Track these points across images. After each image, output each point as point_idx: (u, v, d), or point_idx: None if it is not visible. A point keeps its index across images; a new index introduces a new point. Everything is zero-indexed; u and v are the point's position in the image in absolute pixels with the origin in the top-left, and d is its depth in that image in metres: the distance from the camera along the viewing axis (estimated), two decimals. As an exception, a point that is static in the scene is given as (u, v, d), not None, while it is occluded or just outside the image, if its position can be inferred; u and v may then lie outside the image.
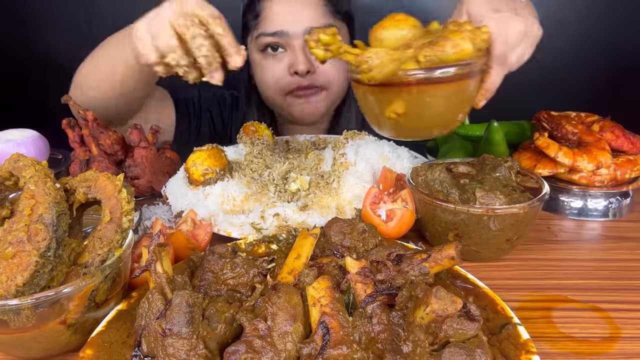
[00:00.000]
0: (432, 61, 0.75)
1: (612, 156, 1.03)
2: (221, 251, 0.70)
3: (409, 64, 0.76)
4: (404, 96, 0.79)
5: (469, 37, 0.75)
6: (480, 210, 0.80)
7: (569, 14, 2.13)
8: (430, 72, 0.75)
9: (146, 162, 1.08)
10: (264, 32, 1.30)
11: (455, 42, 0.74)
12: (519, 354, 0.58)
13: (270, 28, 1.29)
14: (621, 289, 0.80)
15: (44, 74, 2.21)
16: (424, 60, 0.75)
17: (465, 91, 0.81)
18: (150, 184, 1.11)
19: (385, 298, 0.63)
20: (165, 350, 0.54)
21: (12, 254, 0.59)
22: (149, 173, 1.09)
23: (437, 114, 0.82)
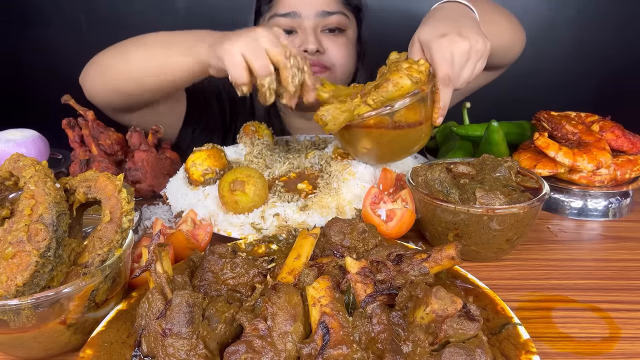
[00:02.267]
0: (381, 101, 0.90)
1: (612, 156, 1.03)
2: (221, 251, 0.70)
3: (361, 109, 0.91)
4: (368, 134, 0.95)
5: (406, 74, 0.89)
6: (480, 210, 0.80)
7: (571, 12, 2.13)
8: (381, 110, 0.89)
9: (147, 166, 1.08)
10: (277, 13, 1.33)
11: (395, 81, 0.89)
12: (519, 354, 0.58)
13: (282, 9, 1.32)
14: (621, 289, 0.80)
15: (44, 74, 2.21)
16: (373, 103, 0.90)
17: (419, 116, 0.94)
18: (151, 188, 1.11)
19: (385, 298, 0.63)
20: (165, 350, 0.54)
21: (12, 254, 0.59)
22: (150, 177, 1.10)
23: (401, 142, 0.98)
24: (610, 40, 2.15)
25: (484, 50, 0.93)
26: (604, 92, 2.16)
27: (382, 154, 1.02)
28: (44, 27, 2.18)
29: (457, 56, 0.90)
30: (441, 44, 0.90)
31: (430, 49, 0.91)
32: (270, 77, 0.88)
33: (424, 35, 0.94)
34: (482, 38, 0.93)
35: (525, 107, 1.41)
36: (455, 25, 0.93)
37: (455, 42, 0.90)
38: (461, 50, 0.90)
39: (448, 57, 0.89)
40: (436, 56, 0.90)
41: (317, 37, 1.32)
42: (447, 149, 1.25)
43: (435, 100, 0.93)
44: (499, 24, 1.14)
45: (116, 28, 2.13)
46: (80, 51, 1.60)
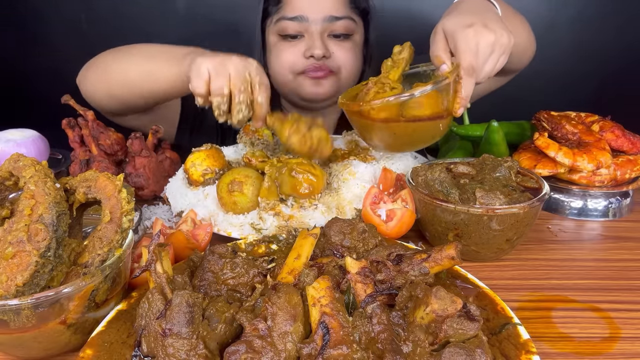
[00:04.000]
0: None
1: (612, 156, 1.03)
2: (221, 251, 0.70)
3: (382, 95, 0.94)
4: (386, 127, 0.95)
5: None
6: (480, 210, 0.80)
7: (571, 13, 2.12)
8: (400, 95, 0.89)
9: (149, 172, 1.08)
10: (284, 16, 1.33)
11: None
12: (519, 354, 0.58)
13: (290, 12, 1.32)
14: (621, 289, 0.80)
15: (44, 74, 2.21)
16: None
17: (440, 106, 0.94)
18: (153, 193, 1.11)
19: (385, 298, 0.63)
20: (165, 350, 0.54)
21: (12, 254, 0.59)
22: (152, 183, 1.10)
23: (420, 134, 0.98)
24: (610, 40, 2.14)
25: (508, 45, 0.92)
26: (604, 93, 2.16)
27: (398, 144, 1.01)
28: (44, 27, 2.18)
29: (482, 47, 0.89)
30: (467, 34, 0.89)
31: (455, 39, 0.90)
32: (220, 99, 0.92)
33: (449, 24, 0.92)
34: (507, 32, 0.92)
35: (525, 107, 1.41)
36: (480, 17, 0.92)
37: (481, 33, 0.88)
38: (487, 42, 0.89)
39: (473, 47, 0.88)
40: (461, 46, 0.89)
41: (323, 42, 1.32)
42: (447, 149, 1.25)
43: (457, 90, 0.92)
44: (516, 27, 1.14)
45: (116, 28, 2.13)
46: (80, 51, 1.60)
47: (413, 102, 0.90)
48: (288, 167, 0.94)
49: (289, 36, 1.34)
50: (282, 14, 1.34)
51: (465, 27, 0.89)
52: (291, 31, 1.32)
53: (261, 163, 1.01)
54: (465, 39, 0.89)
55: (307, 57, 1.32)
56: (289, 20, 1.32)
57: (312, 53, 1.30)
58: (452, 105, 0.93)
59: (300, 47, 1.33)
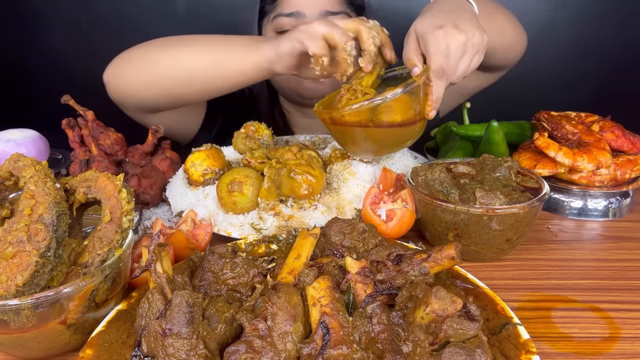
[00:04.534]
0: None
1: (612, 156, 1.03)
2: (221, 251, 0.70)
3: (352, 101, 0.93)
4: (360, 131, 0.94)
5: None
6: (480, 210, 0.80)
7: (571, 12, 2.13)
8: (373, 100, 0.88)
9: (156, 189, 1.09)
10: (281, 13, 1.33)
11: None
12: (519, 354, 0.58)
13: (287, 9, 1.33)
14: (621, 289, 0.80)
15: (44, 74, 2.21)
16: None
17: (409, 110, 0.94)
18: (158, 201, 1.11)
19: (385, 298, 0.63)
20: (165, 350, 0.54)
21: (12, 254, 0.59)
22: (158, 198, 1.10)
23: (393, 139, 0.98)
24: (610, 40, 2.15)
25: (481, 44, 0.92)
26: (604, 92, 2.16)
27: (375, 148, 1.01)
28: (44, 27, 2.18)
29: (452, 49, 0.89)
30: (437, 36, 0.88)
31: (425, 41, 0.90)
32: (351, 43, 0.91)
33: (420, 26, 0.93)
34: (480, 31, 0.91)
35: (525, 107, 1.41)
36: (452, 17, 0.92)
37: (452, 34, 0.88)
38: (457, 43, 0.89)
39: (443, 49, 0.88)
40: (431, 48, 0.89)
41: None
42: (447, 149, 1.25)
43: (427, 92, 0.92)
44: (500, 22, 1.14)
45: (116, 28, 2.13)
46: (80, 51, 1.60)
47: (384, 107, 0.90)
48: (287, 168, 0.94)
49: (285, 32, 1.34)
50: (278, 11, 1.34)
51: (435, 28, 0.89)
52: (288, 27, 1.32)
53: (260, 164, 1.01)
54: (435, 41, 0.89)
55: None
56: (285, 17, 1.32)
57: None
58: (424, 106, 0.93)
59: None
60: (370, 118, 0.92)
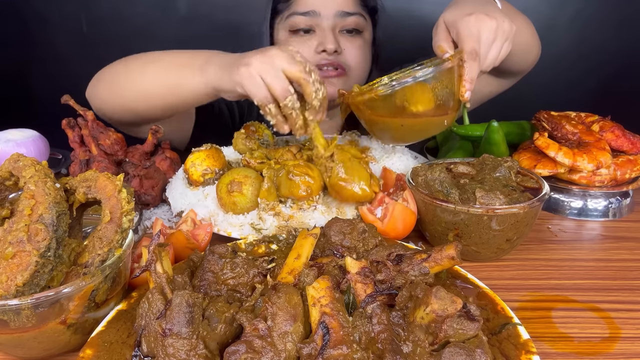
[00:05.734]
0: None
1: (612, 156, 1.03)
2: (221, 251, 0.70)
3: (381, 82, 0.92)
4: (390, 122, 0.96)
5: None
6: (480, 210, 0.80)
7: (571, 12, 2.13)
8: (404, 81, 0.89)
9: (158, 190, 1.09)
10: (296, 12, 1.34)
11: None
12: (519, 354, 0.58)
13: (302, 8, 1.33)
14: (621, 289, 0.80)
15: (44, 74, 2.21)
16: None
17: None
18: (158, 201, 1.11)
19: (385, 298, 0.63)
20: (165, 350, 0.54)
21: (12, 254, 0.59)
22: (159, 198, 1.10)
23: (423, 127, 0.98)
24: (610, 40, 2.15)
25: (510, 31, 0.93)
26: (604, 92, 2.16)
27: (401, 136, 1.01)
28: (44, 27, 2.18)
29: (484, 33, 0.90)
30: (468, 21, 0.90)
31: (456, 27, 0.91)
32: (291, 97, 0.88)
33: (450, 16, 0.94)
34: (509, 20, 0.93)
35: (525, 107, 1.41)
36: (481, 7, 0.93)
37: (482, 20, 0.90)
38: (488, 28, 0.90)
39: (475, 32, 0.90)
40: (463, 32, 0.90)
41: (335, 37, 1.32)
42: (447, 149, 1.25)
43: (461, 74, 0.92)
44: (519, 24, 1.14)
45: (116, 28, 2.13)
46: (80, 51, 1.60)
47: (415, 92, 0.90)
48: (285, 169, 0.94)
49: (300, 31, 1.34)
50: (293, 10, 1.34)
51: (465, 15, 0.91)
52: (303, 26, 1.33)
53: (260, 164, 1.01)
54: (466, 26, 0.90)
55: (319, 52, 1.32)
56: (300, 15, 1.32)
57: (324, 47, 1.30)
58: (458, 90, 0.93)
59: (312, 42, 1.33)
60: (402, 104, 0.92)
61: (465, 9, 0.93)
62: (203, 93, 1.03)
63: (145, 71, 1.11)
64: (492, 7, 0.97)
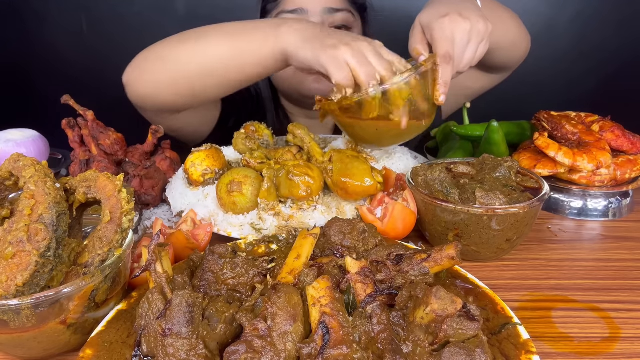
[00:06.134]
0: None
1: (612, 156, 1.03)
2: (221, 251, 0.70)
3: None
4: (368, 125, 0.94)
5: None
6: (480, 210, 0.80)
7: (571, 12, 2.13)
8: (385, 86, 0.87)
9: (158, 190, 1.09)
10: (284, 10, 1.34)
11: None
12: (519, 354, 0.58)
13: (290, 6, 1.33)
14: (621, 289, 0.80)
15: (44, 74, 2.21)
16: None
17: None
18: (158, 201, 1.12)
19: (385, 298, 0.63)
20: (165, 350, 0.54)
21: (12, 254, 0.59)
22: (159, 198, 1.10)
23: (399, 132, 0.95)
24: (610, 40, 2.15)
25: (485, 32, 0.93)
26: (604, 92, 2.16)
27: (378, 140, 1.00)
28: (44, 27, 2.18)
29: (458, 35, 0.90)
30: (442, 23, 0.90)
31: (430, 29, 0.91)
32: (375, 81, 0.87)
33: (425, 16, 0.94)
34: (484, 20, 0.92)
35: (525, 107, 1.41)
36: (456, 7, 0.93)
37: (456, 21, 0.90)
38: (462, 30, 0.90)
39: (449, 35, 0.90)
40: (436, 34, 0.90)
41: None
42: (447, 149, 1.25)
43: (435, 78, 0.92)
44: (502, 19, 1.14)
45: (116, 29, 2.13)
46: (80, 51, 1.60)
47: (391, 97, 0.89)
48: (285, 169, 0.94)
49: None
50: (281, 9, 1.35)
51: (440, 17, 0.91)
52: None
53: (260, 165, 1.01)
54: (440, 28, 0.90)
55: None
56: (288, 14, 1.33)
57: None
58: (433, 93, 0.93)
59: None
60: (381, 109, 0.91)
61: (440, 10, 0.93)
62: (272, 60, 0.99)
63: (205, 41, 1.05)
64: (469, 6, 0.96)
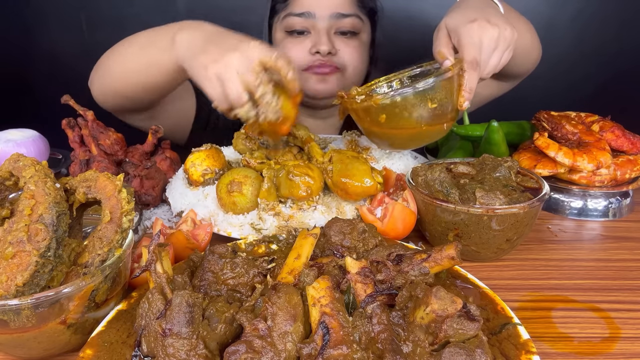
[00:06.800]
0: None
1: (612, 156, 1.03)
2: (221, 251, 0.70)
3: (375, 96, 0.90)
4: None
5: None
6: (480, 210, 0.80)
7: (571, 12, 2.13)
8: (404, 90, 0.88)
9: (158, 191, 1.09)
10: (291, 12, 1.34)
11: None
12: (519, 354, 0.58)
13: (298, 9, 1.33)
14: (621, 289, 0.80)
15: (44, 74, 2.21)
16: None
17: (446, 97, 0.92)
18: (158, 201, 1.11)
19: (385, 298, 0.63)
20: (165, 350, 0.54)
21: (12, 254, 0.59)
22: (159, 199, 1.11)
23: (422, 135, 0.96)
24: (610, 40, 2.15)
25: (512, 39, 0.92)
26: (604, 92, 2.16)
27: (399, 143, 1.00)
28: (43, 27, 2.18)
29: (485, 41, 0.89)
30: (470, 29, 0.89)
31: (458, 34, 0.90)
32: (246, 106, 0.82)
33: (452, 21, 0.93)
34: (511, 27, 0.92)
35: (525, 107, 1.41)
36: (483, 13, 0.93)
37: (485, 27, 0.89)
38: (490, 37, 0.89)
39: (477, 41, 0.89)
40: (464, 40, 0.89)
41: (330, 39, 1.32)
42: (447, 149, 1.25)
43: (460, 84, 0.91)
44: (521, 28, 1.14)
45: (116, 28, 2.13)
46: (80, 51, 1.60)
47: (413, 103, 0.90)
48: (285, 169, 0.94)
49: (295, 32, 1.35)
50: (289, 10, 1.35)
51: (468, 22, 0.90)
52: (298, 27, 1.33)
53: (260, 165, 1.01)
54: (468, 34, 0.89)
55: (313, 54, 1.33)
56: (296, 16, 1.33)
57: (317, 49, 1.30)
58: (457, 99, 0.93)
59: (307, 43, 1.33)
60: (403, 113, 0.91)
61: (468, 15, 0.92)
62: (174, 72, 0.98)
63: (125, 52, 1.10)
64: (495, 12, 0.96)
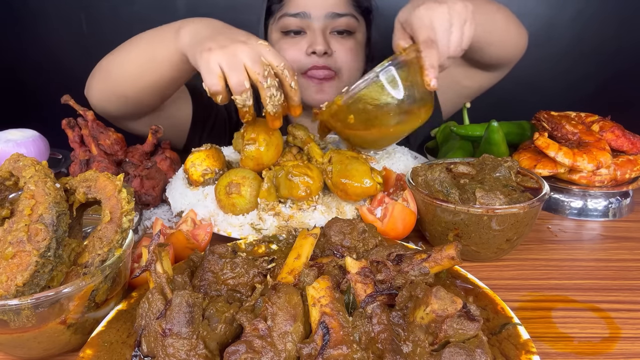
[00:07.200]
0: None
1: (612, 156, 1.03)
2: (221, 251, 0.70)
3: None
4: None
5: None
6: (480, 210, 0.80)
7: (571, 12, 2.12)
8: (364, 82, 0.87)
9: (158, 191, 1.09)
10: (287, 13, 1.34)
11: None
12: (519, 354, 0.58)
13: (293, 9, 1.33)
14: (621, 289, 0.80)
15: (44, 74, 2.21)
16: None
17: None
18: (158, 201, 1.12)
19: (385, 298, 0.63)
20: (165, 350, 0.54)
21: (12, 254, 0.59)
22: (159, 199, 1.11)
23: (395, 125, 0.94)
24: (610, 40, 2.14)
25: (465, 11, 0.90)
26: (604, 92, 2.16)
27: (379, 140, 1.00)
28: (44, 27, 2.18)
29: (437, 20, 0.88)
30: (418, 13, 0.89)
31: (410, 23, 0.90)
32: (245, 94, 0.84)
33: (402, 14, 0.93)
34: (461, 1, 0.90)
35: (525, 107, 1.41)
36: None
37: (432, 8, 0.88)
38: (440, 14, 0.88)
39: (427, 22, 0.88)
40: (415, 25, 0.89)
41: (325, 39, 1.32)
42: (447, 149, 1.25)
43: (421, 65, 0.89)
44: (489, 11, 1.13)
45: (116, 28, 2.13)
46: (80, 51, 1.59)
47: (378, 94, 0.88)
48: (285, 170, 0.94)
49: (291, 32, 1.35)
50: (284, 11, 1.34)
51: (415, 8, 0.90)
52: (293, 27, 1.33)
53: None
54: (417, 18, 0.89)
55: (309, 54, 1.32)
56: (291, 17, 1.33)
57: (314, 49, 1.30)
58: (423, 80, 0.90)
59: (302, 44, 1.33)
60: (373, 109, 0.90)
61: (415, 3, 0.91)
62: (179, 62, 0.99)
63: (124, 53, 1.11)
64: None
